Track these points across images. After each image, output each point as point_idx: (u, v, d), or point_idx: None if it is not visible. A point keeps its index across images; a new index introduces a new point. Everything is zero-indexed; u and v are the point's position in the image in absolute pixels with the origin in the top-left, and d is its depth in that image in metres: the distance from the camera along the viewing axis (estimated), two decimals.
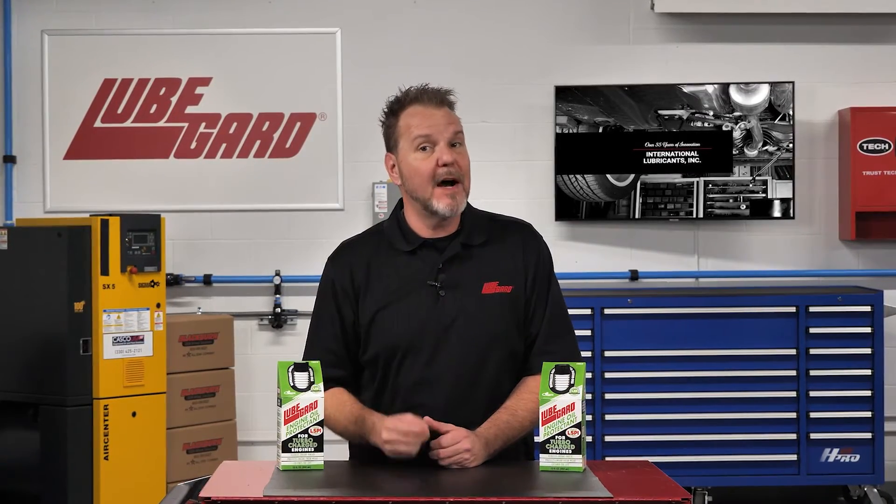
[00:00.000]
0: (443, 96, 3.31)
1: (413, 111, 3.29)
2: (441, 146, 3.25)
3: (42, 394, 6.13)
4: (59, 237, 6.10)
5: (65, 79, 7.25)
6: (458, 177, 3.27)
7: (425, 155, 3.26)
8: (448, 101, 3.32)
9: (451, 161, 3.25)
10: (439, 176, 3.25)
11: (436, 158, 3.25)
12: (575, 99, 7.07)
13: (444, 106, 3.30)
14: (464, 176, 3.29)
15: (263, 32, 7.25)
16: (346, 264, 3.36)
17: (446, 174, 3.25)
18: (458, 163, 3.27)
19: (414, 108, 3.29)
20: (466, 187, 3.30)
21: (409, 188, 3.31)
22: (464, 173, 3.29)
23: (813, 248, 7.27)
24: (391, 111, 3.33)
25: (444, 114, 3.29)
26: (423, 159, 3.26)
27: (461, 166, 3.27)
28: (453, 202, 3.26)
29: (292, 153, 7.25)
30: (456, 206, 3.27)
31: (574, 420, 3.04)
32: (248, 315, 7.26)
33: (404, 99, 3.31)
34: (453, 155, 3.26)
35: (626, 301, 6.62)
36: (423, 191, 3.27)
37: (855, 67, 7.25)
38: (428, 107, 3.29)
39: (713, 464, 6.61)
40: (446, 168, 3.24)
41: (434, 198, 3.26)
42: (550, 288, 3.38)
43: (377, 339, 3.29)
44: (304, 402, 3.04)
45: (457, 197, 3.26)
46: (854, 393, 6.63)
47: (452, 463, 3.13)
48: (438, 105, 3.29)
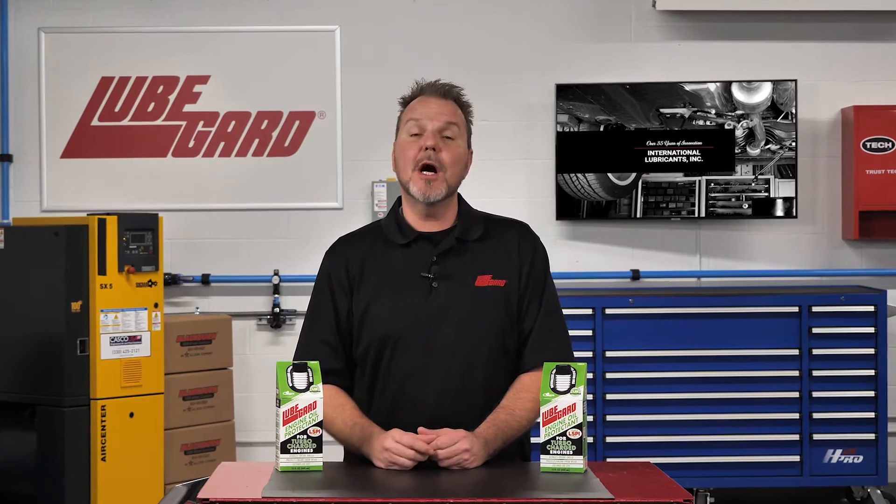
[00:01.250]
0: (446, 89, 3.37)
1: (416, 101, 3.37)
2: (428, 132, 3.30)
3: (39, 394, 6.10)
4: (56, 236, 6.07)
5: (62, 77, 7.23)
6: (436, 164, 3.30)
7: (414, 140, 3.32)
8: (453, 94, 3.38)
9: (431, 145, 3.29)
10: (419, 160, 3.29)
11: (420, 144, 3.30)
12: (576, 97, 7.05)
13: (446, 98, 3.36)
14: (446, 167, 3.31)
15: (262, 30, 7.24)
16: (341, 257, 3.40)
17: (425, 158, 3.29)
18: (441, 152, 3.30)
19: (419, 98, 3.37)
20: (448, 178, 3.32)
21: (397, 171, 3.38)
22: (446, 164, 3.31)
23: (816, 248, 7.26)
24: (403, 102, 3.42)
25: (442, 104, 3.35)
26: (410, 143, 3.32)
27: (444, 157, 3.31)
28: (427, 188, 3.29)
29: (291, 152, 7.24)
30: (429, 193, 3.30)
31: (575, 421, 3.04)
32: (247, 315, 7.24)
33: (414, 90, 3.40)
34: (436, 141, 3.30)
35: (628, 301, 6.61)
36: (405, 173, 3.34)
37: (858, 65, 7.25)
38: (430, 96, 3.36)
39: (715, 465, 6.60)
40: (426, 152, 3.29)
41: (412, 181, 3.31)
42: (546, 286, 3.40)
43: (369, 329, 3.31)
44: (303, 402, 3.04)
45: (432, 184, 3.29)
46: (857, 393, 6.62)
47: (452, 464, 3.12)
48: (440, 96, 3.36)
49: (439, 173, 3.30)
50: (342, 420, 3.26)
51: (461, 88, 3.41)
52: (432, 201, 3.32)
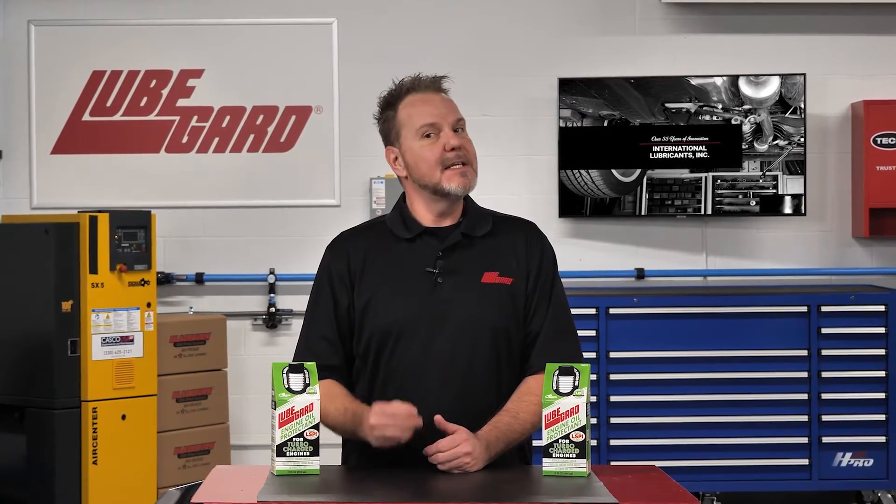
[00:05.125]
0: (438, 83, 3.39)
1: (411, 100, 3.35)
2: (446, 131, 3.32)
3: (29, 396, 6.11)
4: (47, 234, 6.07)
5: (52, 71, 7.21)
6: (466, 160, 3.33)
7: (431, 141, 3.31)
8: (443, 87, 3.40)
9: (458, 145, 3.31)
10: (447, 160, 3.30)
11: (442, 144, 3.30)
12: (579, 91, 7.03)
13: (441, 92, 3.39)
14: (472, 159, 3.35)
15: (257, 23, 7.22)
16: (343, 251, 3.40)
17: (455, 157, 3.30)
18: (464, 147, 3.33)
19: (411, 97, 3.36)
20: (475, 170, 3.36)
21: (416, 177, 3.35)
22: (471, 157, 3.35)
23: (825, 246, 7.23)
24: (388, 104, 3.39)
25: (444, 99, 3.37)
26: (429, 145, 3.31)
27: (468, 150, 3.35)
28: (465, 180, 3.31)
29: (287, 147, 7.21)
30: (468, 184, 3.33)
31: (578, 423, 3.04)
32: (242, 315, 7.21)
33: (400, 90, 3.37)
34: (459, 140, 3.33)
35: (632, 300, 6.62)
36: (432, 176, 3.31)
37: (868, 59, 7.22)
38: (426, 94, 3.36)
39: (722, 468, 6.59)
40: (455, 152, 3.30)
41: (444, 180, 3.31)
42: (554, 287, 3.39)
43: (371, 323, 3.31)
44: (300, 404, 3.04)
45: (468, 175, 3.32)
46: (867, 395, 6.61)
47: (452, 467, 3.11)
48: (436, 91, 3.37)
49: (468, 166, 3.33)
50: (335, 409, 3.25)
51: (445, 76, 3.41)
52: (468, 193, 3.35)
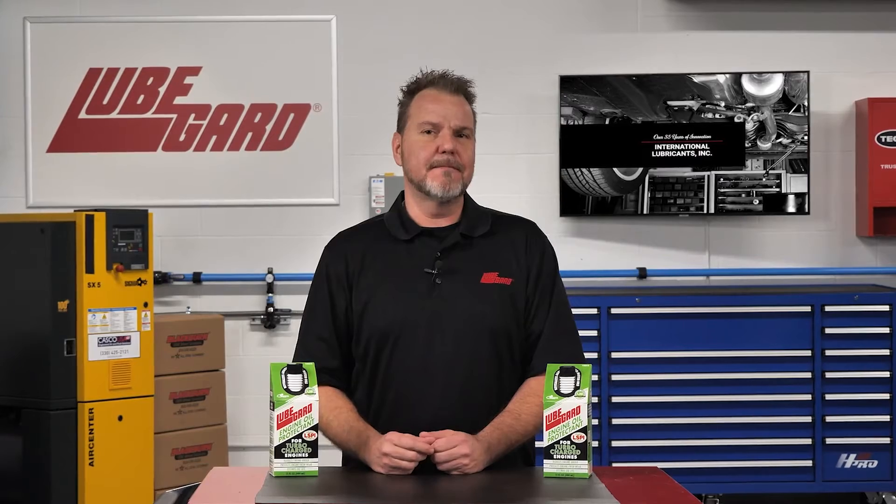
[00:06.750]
0: (459, 84, 3.35)
1: (426, 94, 3.34)
2: (444, 133, 3.29)
3: (24, 397, 6.09)
4: (42, 233, 6.05)
5: (48, 68, 7.20)
6: (457, 166, 3.30)
7: (428, 138, 3.30)
8: (464, 90, 3.36)
9: (450, 149, 3.28)
10: (436, 161, 3.28)
11: (437, 144, 3.28)
12: (580, 89, 7.01)
13: (459, 94, 3.34)
14: (464, 167, 3.32)
15: (255, 20, 7.21)
16: (341, 252, 3.39)
17: (445, 162, 3.28)
18: (458, 153, 3.30)
19: (428, 91, 3.34)
20: (465, 177, 3.33)
21: (406, 168, 3.36)
22: (464, 164, 3.32)
23: (828, 245, 7.23)
24: (408, 91, 3.39)
25: (456, 102, 3.33)
26: (424, 141, 3.30)
27: (462, 157, 3.31)
28: (447, 180, 3.28)
29: (285, 146, 7.19)
30: (448, 187, 3.29)
31: (580, 424, 3.03)
32: (240, 315, 7.20)
33: (422, 80, 3.36)
34: (454, 144, 3.29)
35: (634, 300, 6.60)
36: (418, 172, 3.31)
37: (873, 57, 7.22)
38: (442, 92, 3.33)
39: (725, 470, 6.58)
40: (446, 156, 3.28)
41: (428, 178, 3.29)
42: (555, 287, 3.38)
43: (369, 324, 3.29)
44: (298, 405, 3.02)
45: (451, 176, 3.29)
46: (872, 396, 6.60)
47: (450, 468, 3.10)
48: (452, 92, 3.33)
49: (457, 172, 3.30)
50: (338, 424, 3.23)
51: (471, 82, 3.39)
52: (449, 198, 3.31)
